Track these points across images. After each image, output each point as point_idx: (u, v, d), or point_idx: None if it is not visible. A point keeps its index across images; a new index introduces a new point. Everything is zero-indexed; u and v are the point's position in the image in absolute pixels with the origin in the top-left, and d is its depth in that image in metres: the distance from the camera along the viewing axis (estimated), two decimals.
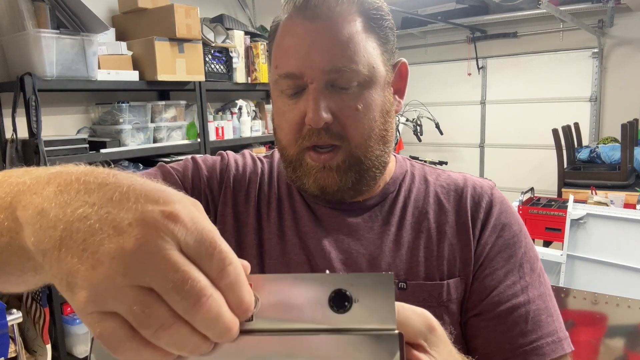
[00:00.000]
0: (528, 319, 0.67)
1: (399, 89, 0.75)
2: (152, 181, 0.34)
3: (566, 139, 3.74)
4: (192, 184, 0.75)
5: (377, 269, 0.69)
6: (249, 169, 0.79)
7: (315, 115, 0.64)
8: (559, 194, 3.55)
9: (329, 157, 0.67)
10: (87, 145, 2.43)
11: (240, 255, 0.73)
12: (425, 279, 0.69)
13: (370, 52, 0.67)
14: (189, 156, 0.80)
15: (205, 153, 2.94)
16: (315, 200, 0.74)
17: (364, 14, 0.67)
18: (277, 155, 0.83)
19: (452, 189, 0.76)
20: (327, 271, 0.38)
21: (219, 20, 3.10)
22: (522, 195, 3.22)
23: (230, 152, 0.82)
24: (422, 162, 0.83)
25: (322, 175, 0.68)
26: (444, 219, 0.73)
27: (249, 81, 3.21)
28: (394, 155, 0.81)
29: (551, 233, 3.06)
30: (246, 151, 0.84)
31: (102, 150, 2.47)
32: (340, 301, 0.34)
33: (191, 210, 0.32)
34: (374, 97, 0.68)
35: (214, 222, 0.73)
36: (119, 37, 2.73)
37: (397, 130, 4.84)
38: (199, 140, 2.94)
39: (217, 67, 3.02)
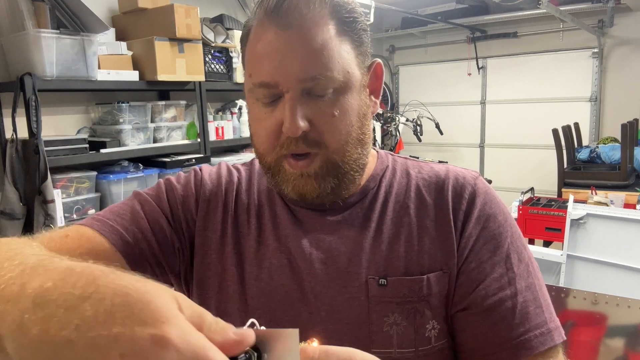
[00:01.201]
0: (515, 312, 0.67)
1: (375, 89, 0.74)
2: (131, 276, 0.34)
3: (566, 139, 3.75)
4: (170, 207, 0.76)
5: (357, 266, 0.69)
6: (225, 179, 0.80)
7: (292, 125, 0.64)
8: (559, 194, 3.55)
9: (306, 164, 0.67)
10: (87, 145, 2.43)
11: (222, 264, 0.73)
12: (405, 274, 0.69)
13: (345, 57, 0.66)
14: (162, 179, 0.81)
15: (206, 153, 2.94)
16: (296, 203, 0.75)
17: (337, 17, 0.66)
18: (257, 163, 0.83)
19: (434, 181, 0.75)
20: (253, 321, 0.39)
21: (219, 20, 3.10)
22: (522, 195, 3.22)
23: (204, 167, 0.83)
24: (405, 156, 0.83)
25: (300, 182, 0.68)
26: (425, 212, 0.73)
27: None
28: (376, 151, 0.80)
29: (551, 233, 3.06)
30: (222, 163, 0.84)
31: (102, 150, 2.47)
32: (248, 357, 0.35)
33: (180, 325, 0.32)
34: (350, 101, 0.67)
35: (194, 237, 0.76)
36: (119, 37, 2.73)
37: (397, 130, 4.84)
38: (199, 140, 2.94)
39: (217, 67, 3.02)
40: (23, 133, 2.20)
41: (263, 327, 0.38)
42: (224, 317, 0.74)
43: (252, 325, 0.39)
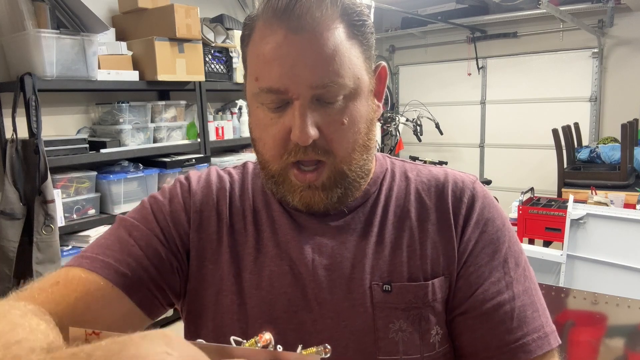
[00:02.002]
0: (514, 316, 0.67)
1: (379, 92, 0.73)
2: (106, 346, 0.31)
3: (566, 139, 3.74)
4: (160, 226, 0.71)
5: (360, 272, 0.68)
6: (215, 187, 0.76)
7: (303, 134, 0.62)
8: (559, 194, 3.55)
9: (314, 177, 0.66)
10: (87, 145, 2.43)
11: (219, 275, 0.71)
12: (409, 280, 0.68)
13: (355, 63, 0.64)
14: (147, 197, 0.76)
15: (206, 153, 2.94)
16: (296, 208, 0.72)
17: (346, 20, 0.64)
18: (250, 166, 0.81)
19: (433, 184, 0.74)
20: (268, 334, 0.38)
21: (219, 20, 3.10)
22: (522, 195, 3.22)
23: (192, 174, 0.79)
24: (402, 159, 0.82)
25: (307, 194, 0.67)
26: (426, 216, 0.72)
27: None
28: (374, 154, 0.79)
29: (551, 233, 3.06)
30: (212, 168, 0.81)
31: (102, 150, 2.48)
32: None
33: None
34: (359, 108, 0.66)
35: (189, 251, 0.72)
36: (119, 37, 2.73)
37: (397, 130, 4.84)
38: (199, 140, 2.94)
39: (217, 67, 3.02)
40: (23, 133, 2.20)
41: (280, 347, 0.36)
42: (221, 329, 0.72)
43: (269, 340, 0.38)
